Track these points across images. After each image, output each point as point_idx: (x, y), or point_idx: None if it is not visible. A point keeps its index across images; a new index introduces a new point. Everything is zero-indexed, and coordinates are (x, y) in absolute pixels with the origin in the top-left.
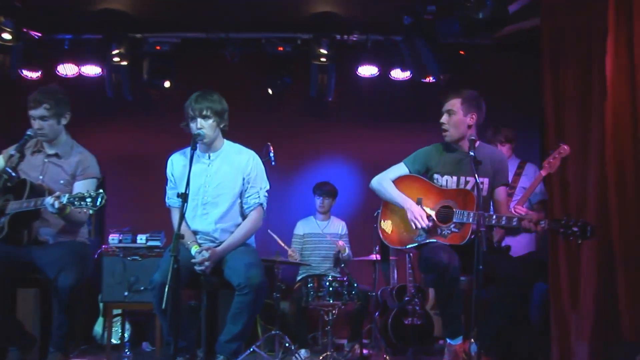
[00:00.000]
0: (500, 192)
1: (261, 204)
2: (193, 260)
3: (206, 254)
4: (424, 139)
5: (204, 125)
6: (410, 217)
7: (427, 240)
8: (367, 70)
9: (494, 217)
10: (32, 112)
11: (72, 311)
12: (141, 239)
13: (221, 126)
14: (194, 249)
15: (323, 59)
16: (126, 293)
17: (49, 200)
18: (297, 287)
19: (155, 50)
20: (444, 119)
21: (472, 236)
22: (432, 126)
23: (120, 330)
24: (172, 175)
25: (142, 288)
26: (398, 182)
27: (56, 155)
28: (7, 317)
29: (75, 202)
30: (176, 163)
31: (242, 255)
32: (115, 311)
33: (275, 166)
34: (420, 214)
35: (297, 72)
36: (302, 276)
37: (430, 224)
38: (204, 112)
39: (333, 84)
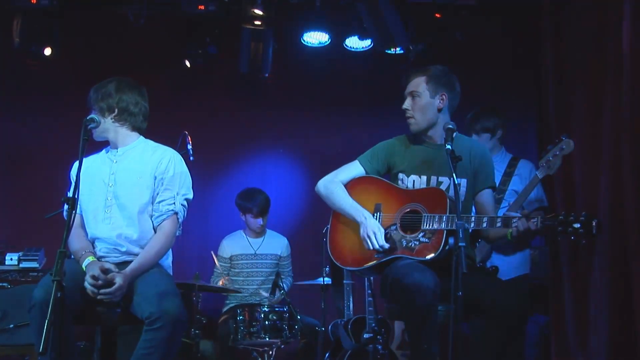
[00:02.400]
0: (485, 195)
1: (176, 213)
2: (90, 285)
3: (119, 280)
4: (387, 129)
5: (95, 118)
6: (362, 235)
7: (392, 256)
8: (316, 38)
9: (473, 218)
10: None
11: None
12: (11, 259)
13: (112, 117)
14: (85, 262)
15: (257, 22)
16: None
17: None
18: (223, 321)
19: (30, 4)
20: (407, 103)
21: (447, 247)
22: (398, 112)
23: None
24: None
25: (11, 326)
26: (352, 185)
27: None
28: None
29: None
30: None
31: (154, 279)
32: None
33: (194, 162)
34: (374, 230)
35: (223, 39)
36: (230, 307)
37: (387, 245)
38: (92, 107)
39: (270, 56)
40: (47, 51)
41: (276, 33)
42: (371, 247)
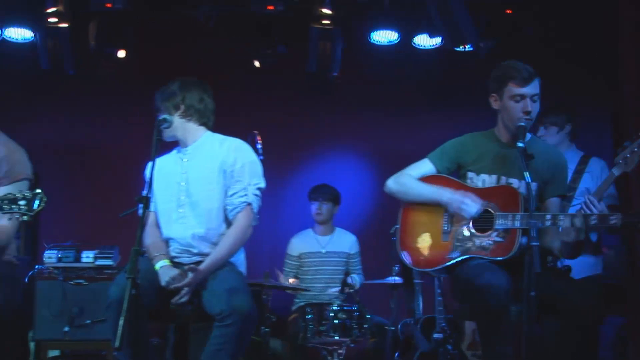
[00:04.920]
0: (553, 203)
1: (249, 204)
2: (169, 284)
3: (191, 277)
4: (457, 127)
5: (167, 119)
6: (455, 207)
7: (465, 257)
8: (384, 36)
9: (548, 217)
10: None
11: None
12: (87, 256)
13: (178, 117)
14: (159, 264)
15: (326, 22)
16: (67, 328)
17: None
18: (293, 320)
19: (105, 8)
20: (531, 105)
21: (520, 246)
22: (468, 110)
23: None
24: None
25: (88, 322)
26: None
27: None
28: None
29: (4, 206)
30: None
31: (225, 276)
32: (52, 353)
33: (264, 161)
34: (466, 195)
35: (292, 38)
36: (299, 305)
37: (481, 208)
38: (159, 107)
39: (339, 55)
40: (121, 53)
41: (345, 32)
42: (472, 212)
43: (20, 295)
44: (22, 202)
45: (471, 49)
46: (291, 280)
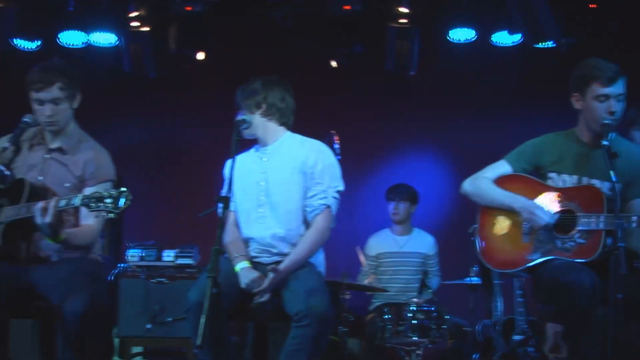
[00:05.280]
0: (636, 205)
1: (329, 207)
2: (249, 286)
3: (271, 277)
4: (537, 126)
5: (247, 118)
6: (527, 217)
7: (546, 258)
8: (462, 35)
9: (634, 218)
10: (41, 95)
11: (82, 346)
12: (168, 255)
13: (259, 116)
14: (239, 265)
15: (403, 20)
16: (149, 326)
17: (38, 206)
18: (370, 319)
19: (185, 11)
20: (616, 106)
21: (605, 248)
22: (548, 109)
23: None
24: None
25: (169, 320)
26: (500, 183)
27: (60, 150)
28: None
29: (91, 204)
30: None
31: (304, 277)
32: (135, 349)
33: (341, 161)
34: (539, 207)
35: (369, 38)
36: (377, 305)
37: (554, 219)
38: (240, 105)
39: (416, 54)
40: (200, 55)
41: (422, 30)
42: (542, 223)
43: (105, 293)
44: (108, 200)
45: (552, 45)
46: (368, 280)
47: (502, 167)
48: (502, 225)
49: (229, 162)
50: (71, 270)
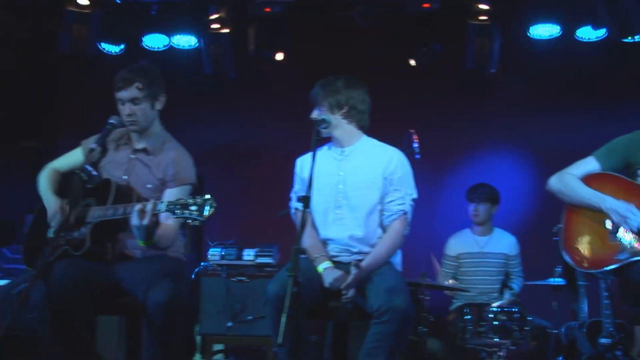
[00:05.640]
0: None
1: (405, 213)
2: (333, 285)
3: (354, 274)
4: (625, 123)
5: (320, 116)
6: (617, 219)
7: (635, 259)
8: (545, 30)
9: None
10: (121, 94)
11: (167, 338)
12: (248, 254)
13: (340, 117)
14: (322, 266)
15: (483, 17)
16: (230, 324)
17: (136, 208)
18: (451, 320)
19: (263, 13)
20: None
21: None
22: (636, 105)
23: None
24: (301, 176)
25: (249, 318)
26: (587, 181)
27: (144, 150)
28: (88, 353)
29: (177, 211)
30: (306, 163)
31: (384, 275)
32: (216, 347)
33: (420, 160)
34: (631, 209)
35: (448, 36)
36: (457, 305)
37: None
38: (319, 103)
39: (497, 51)
40: (279, 56)
41: (503, 27)
42: (632, 228)
43: (187, 290)
44: (193, 208)
45: None
46: (450, 281)
47: (590, 164)
48: (587, 224)
49: (299, 161)
50: (155, 267)
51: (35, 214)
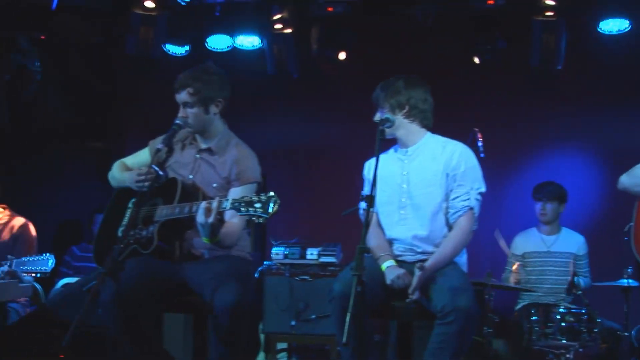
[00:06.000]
0: None
1: (472, 208)
2: (394, 283)
3: (418, 274)
4: None
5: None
6: None
7: None
8: (614, 25)
9: None
10: (176, 97)
11: (234, 339)
12: (312, 253)
13: (400, 114)
14: (385, 264)
15: (549, 13)
16: (293, 322)
17: (202, 205)
18: (516, 320)
19: (326, 12)
20: None
21: None
22: None
23: None
24: (369, 178)
25: (313, 317)
26: None
27: (209, 150)
28: (156, 350)
29: (241, 208)
30: (373, 165)
31: (448, 275)
32: (280, 345)
33: (485, 159)
34: None
35: (513, 32)
36: (523, 305)
37: None
38: (380, 105)
39: (563, 47)
40: (342, 55)
41: (570, 23)
42: None
43: (252, 290)
44: (257, 205)
45: None
46: (514, 267)
47: None
48: None
49: (367, 164)
50: (222, 267)
51: (104, 213)
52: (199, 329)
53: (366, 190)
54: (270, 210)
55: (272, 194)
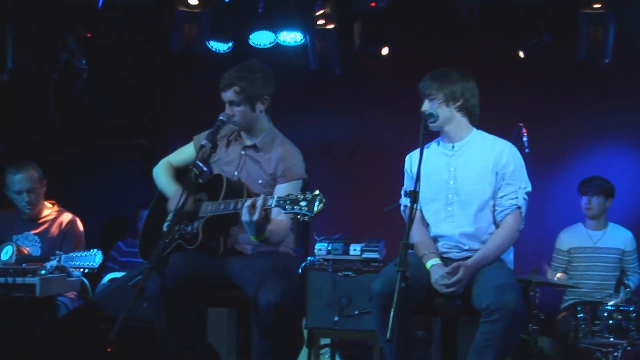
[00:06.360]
0: None
1: (519, 207)
2: (438, 282)
3: (461, 272)
4: None
5: (431, 108)
6: None
7: None
8: None
9: None
10: (222, 95)
11: (277, 336)
12: (355, 249)
13: (453, 106)
14: (430, 262)
15: (597, 5)
16: (336, 318)
17: (246, 204)
18: (562, 318)
19: (369, 7)
20: None
21: None
22: None
23: None
24: (411, 172)
25: (356, 312)
26: None
27: (254, 147)
28: (200, 344)
29: (287, 206)
30: (415, 160)
31: (494, 272)
32: (323, 340)
33: (530, 154)
34: None
35: (559, 26)
36: (569, 303)
37: None
38: (427, 91)
39: (611, 40)
40: (384, 51)
41: (617, 15)
42: None
43: (296, 286)
44: (303, 203)
45: None
46: (559, 275)
47: None
48: None
49: (409, 157)
50: (265, 263)
51: (149, 208)
52: (242, 323)
53: (409, 185)
54: (315, 208)
55: (317, 192)
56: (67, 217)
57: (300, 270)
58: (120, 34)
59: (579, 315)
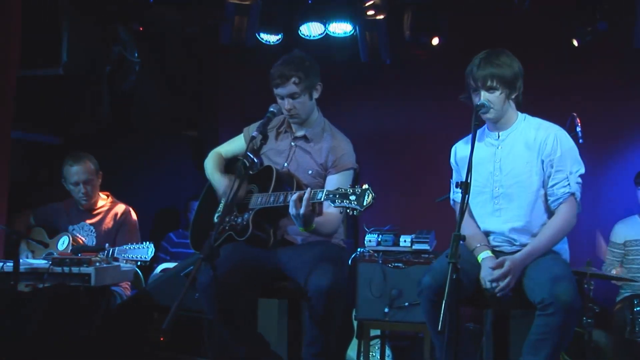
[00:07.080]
0: None
1: (573, 194)
2: (486, 278)
3: (507, 266)
4: None
5: (490, 99)
6: None
7: None
8: None
9: None
10: (279, 91)
11: (328, 323)
12: (405, 240)
13: (512, 97)
14: (482, 255)
15: None
16: (387, 310)
17: (293, 197)
18: (618, 311)
19: None
20: None
21: None
22: None
23: (378, 357)
24: (457, 164)
25: (406, 304)
26: None
27: (304, 138)
28: (250, 334)
29: (337, 200)
30: (460, 151)
31: (548, 264)
32: (373, 332)
33: (584, 145)
34: None
35: (615, 14)
36: (625, 296)
37: None
38: (489, 83)
39: None
40: (435, 41)
41: None
42: None
43: (346, 276)
44: (352, 197)
45: None
46: (615, 271)
47: None
48: None
49: (454, 149)
50: (315, 253)
51: (199, 200)
52: (292, 314)
53: (458, 176)
54: (365, 203)
55: (366, 186)
56: (121, 208)
57: (350, 262)
58: (171, 27)
59: (635, 309)
